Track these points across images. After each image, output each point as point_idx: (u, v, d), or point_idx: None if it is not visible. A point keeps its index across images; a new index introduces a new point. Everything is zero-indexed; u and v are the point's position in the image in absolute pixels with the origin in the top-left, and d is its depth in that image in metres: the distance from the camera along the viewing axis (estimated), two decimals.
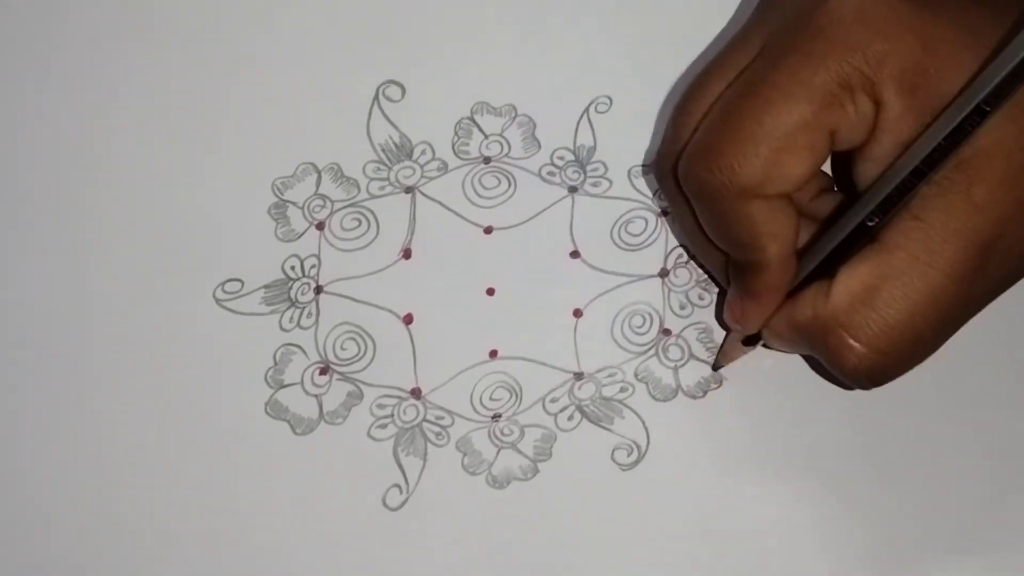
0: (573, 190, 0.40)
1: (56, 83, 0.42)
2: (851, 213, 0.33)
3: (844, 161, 0.34)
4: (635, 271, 0.39)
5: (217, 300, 0.39)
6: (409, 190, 0.40)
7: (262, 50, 0.42)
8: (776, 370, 0.37)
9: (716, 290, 0.39)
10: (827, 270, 0.33)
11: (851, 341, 0.32)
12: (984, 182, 0.31)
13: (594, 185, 0.40)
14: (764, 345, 0.37)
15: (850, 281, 0.32)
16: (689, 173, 0.33)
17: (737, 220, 0.33)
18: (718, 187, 0.32)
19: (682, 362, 0.38)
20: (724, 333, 0.38)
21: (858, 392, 0.37)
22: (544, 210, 0.40)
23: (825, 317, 0.32)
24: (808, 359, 0.37)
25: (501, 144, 0.41)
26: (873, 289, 0.31)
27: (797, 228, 0.33)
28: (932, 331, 0.32)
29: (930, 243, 0.31)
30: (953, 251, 0.31)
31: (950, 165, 0.31)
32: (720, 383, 0.37)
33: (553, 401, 0.38)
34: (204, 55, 0.42)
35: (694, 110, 0.34)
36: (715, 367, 0.37)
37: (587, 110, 0.41)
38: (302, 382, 0.38)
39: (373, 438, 0.37)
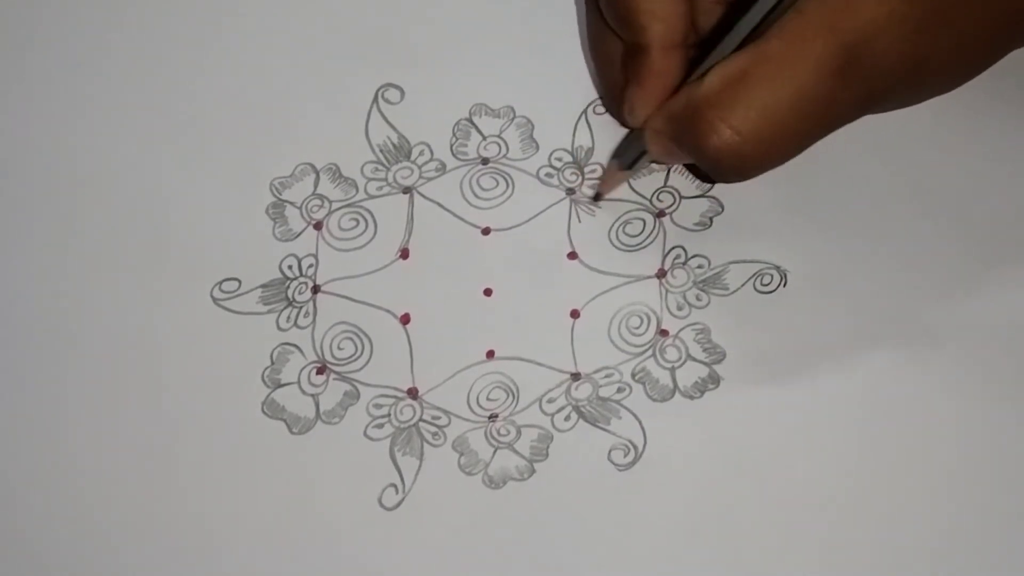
0: (571, 192, 0.40)
1: (53, 83, 0.42)
2: (740, 14, 0.33)
3: None
4: (632, 272, 0.39)
5: (214, 299, 0.39)
6: (407, 190, 0.40)
7: (262, 51, 0.42)
8: (774, 370, 0.37)
9: (715, 291, 0.39)
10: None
11: (716, 121, 0.32)
12: None
13: (592, 186, 0.40)
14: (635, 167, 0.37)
15: (725, 67, 0.33)
16: None
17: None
18: None
19: (679, 363, 0.38)
20: (720, 331, 0.38)
21: (857, 392, 0.37)
22: (542, 211, 0.40)
23: (696, 100, 0.33)
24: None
25: (499, 145, 0.41)
26: (744, 73, 0.32)
27: (684, 16, 0.35)
28: (795, 122, 0.32)
29: (803, 35, 0.32)
30: (822, 46, 0.31)
31: None
32: (718, 384, 0.37)
33: (550, 401, 0.37)
34: (203, 55, 0.42)
35: None
36: (596, 197, 0.38)
37: (585, 112, 0.41)
38: (299, 381, 0.38)
39: (369, 438, 0.37)
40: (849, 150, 0.40)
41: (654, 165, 0.39)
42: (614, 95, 0.38)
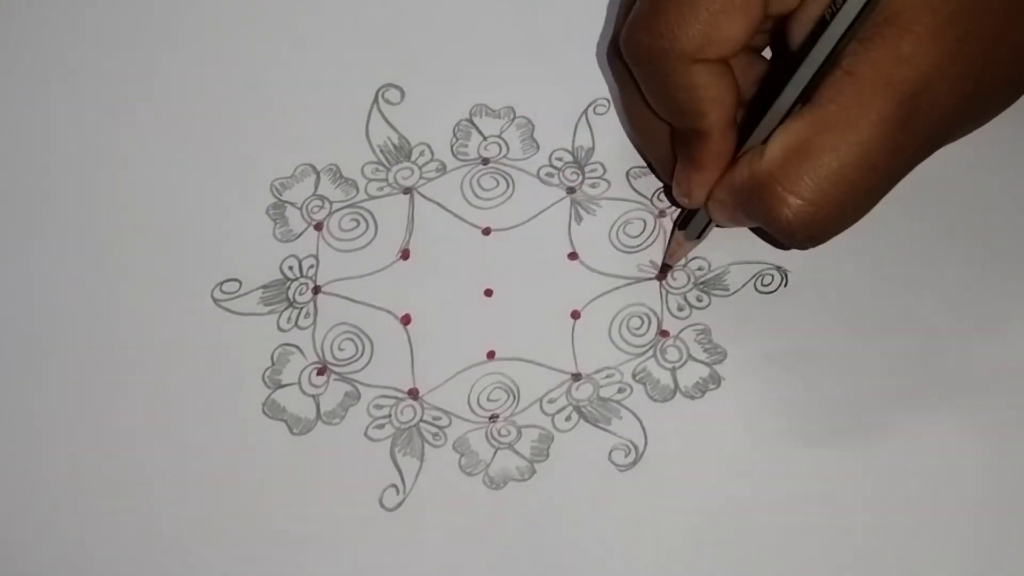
0: (571, 191, 0.40)
1: (56, 85, 0.42)
2: (786, 77, 0.33)
3: (781, 32, 0.35)
4: (633, 273, 0.39)
5: (215, 300, 0.39)
6: (407, 191, 0.40)
7: (262, 52, 0.42)
8: (775, 370, 0.37)
9: (715, 291, 0.39)
10: (765, 137, 0.34)
11: (785, 194, 0.32)
12: (911, 35, 0.31)
13: (592, 186, 0.40)
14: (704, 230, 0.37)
15: (784, 138, 0.33)
16: (631, 40, 0.34)
17: (679, 85, 0.33)
18: (660, 52, 0.33)
19: (680, 363, 0.38)
20: (721, 331, 0.38)
21: (857, 392, 0.37)
22: (542, 211, 0.40)
23: (760, 173, 0.33)
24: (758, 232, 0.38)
25: (500, 145, 0.41)
26: (805, 143, 0.32)
27: (737, 95, 0.34)
28: (864, 182, 0.32)
29: (860, 96, 0.32)
30: (883, 103, 0.31)
31: (880, 20, 0.31)
32: (718, 384, 0.37)
33: (551, 402, 0.37)
34: (204, 57, 0.42)
35: None
36: (664, 268, 0.38)
37: (586, 112, 0.41)
38: (300, 382, 0.38)
39: (370, 438, 0.37)
40: None
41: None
42: (665, 171, 0.38)
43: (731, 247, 0.39)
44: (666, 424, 0.37)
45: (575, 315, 0.39)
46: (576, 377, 0.38)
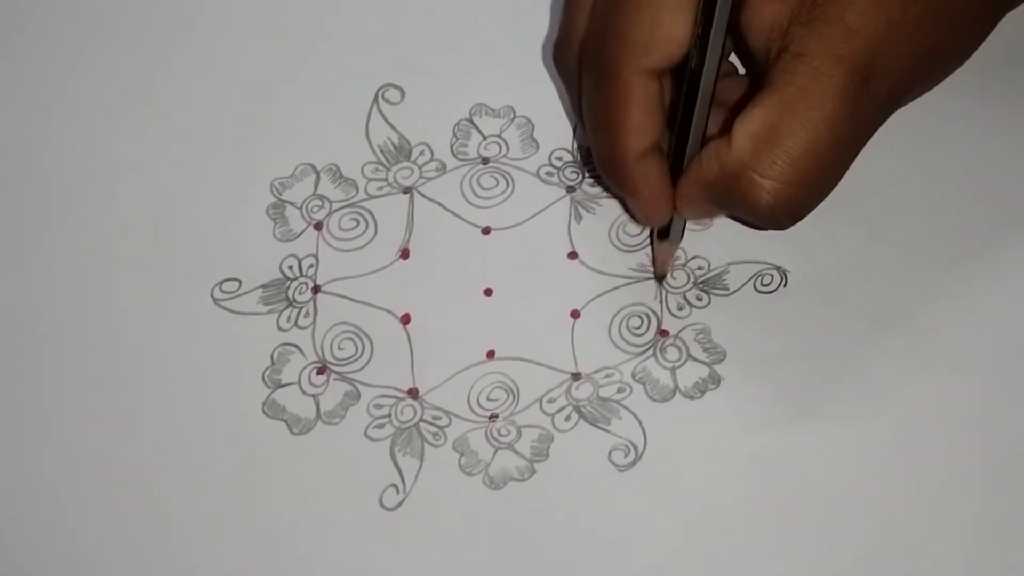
0: (571, 190, 0.40)
1: (53, 84, 0.42)
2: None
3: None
4: (633, 272, 0.39)
5: (215, 299, 0.39)
6: (407, 190, 0.40)
7: (262, 52, 0.42)
8: (775, 370, 0.37)
9: (715, 291, 0.39)
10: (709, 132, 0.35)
11: (761, 180, 0.33)
12: (854, 6, 0.32)
13: (592, 185, 0.40)
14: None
15: (748, 125, 0.33)
16: (589, 55, 0.34)
17: (624, 103, 0.34)
18: (612, 59, 0.34)
19: (680, 363, 0.38)
20: (720, 331, 0.38)
21: (856, 393, 0.37)
22: (542, 210, 0.40)
23: (732, 164, 0.33)
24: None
25: (499, 145, 0.41)
26: (772, 127, 0.32)
27: (657, 118, 0.35)
28: (834, 155, 0.33)
29: (816, 74, 0.32)
30: (838, 76, 0.32)
31: (820, 0, 0.32)
32: (718, 384, 0.37)
33: (550, 402, 0.37)
34: (204, 57, 0.42)
35: None
36: (659, 278, 0.38)
37: None
38: (299, 382, 0.38)
39: (370, 438, 0.37)
40: None
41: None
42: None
43: (731, 247, 0.39)
44: (666, 424, 0.37)
45: (575, 314, 0.39)
46: (576, 377, 0.38)
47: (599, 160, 0.36)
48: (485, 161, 0.40)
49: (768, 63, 0.33)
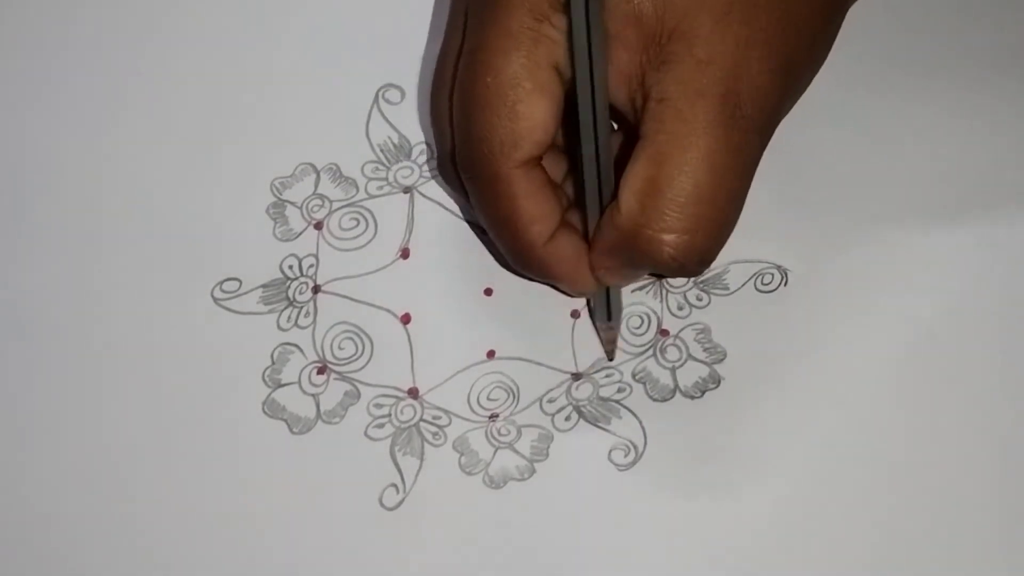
0: None
1: (54, 83, 0.42)
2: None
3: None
4: None
5: (215, 299, 0.39)
6: (407, 190, 0.40)
7: (263, 51, 0.42)
8: (775, 370, 0.37)
9: (715, 291, 0.39)
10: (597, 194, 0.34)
11: (657, 235, 0.32)
12: (699, 39, 0.32)
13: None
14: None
15: (631, 183, 0.33)
16: (462, 164, 0.34)
17: (510, 199, 0.34)
18: (484, 163, 0.33)
19: (680, 363, 0.38)
20: (720, 331, 0.38)
21: (857, 392, 0.37)
22: None
23: (625, 227, 0.33)
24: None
25: None
26: (652, 180, 0.32)
27: (555, 201, 0.34)
28: (723, 189, 0.32)
29: (681, 115, 0.32)
30: (704, 111, 0.32)
31: (665, 41, 0.32)
32: (718, 383, 0.37)
33: (550, 401, 0.37)
34: (204, 56, 0.42)
35: (443, 105, 0.35)
36: (610, 358, 0.38)
37: None
38: (299, 381, 0.38)
39: (370, 437, 0.37)
40: (849, 150, 0.40)
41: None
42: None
43: (731, 246, 0.39)
44: (666, 424, 0.37)
45: (575, 314, 0.39)
46: (576, 376, 0.38)
47: (510, 259, 0.36)
48: None
49: (637, 116, 0.33)
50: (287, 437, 0.37)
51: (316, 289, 0.39)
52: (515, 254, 0.35)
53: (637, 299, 0.39)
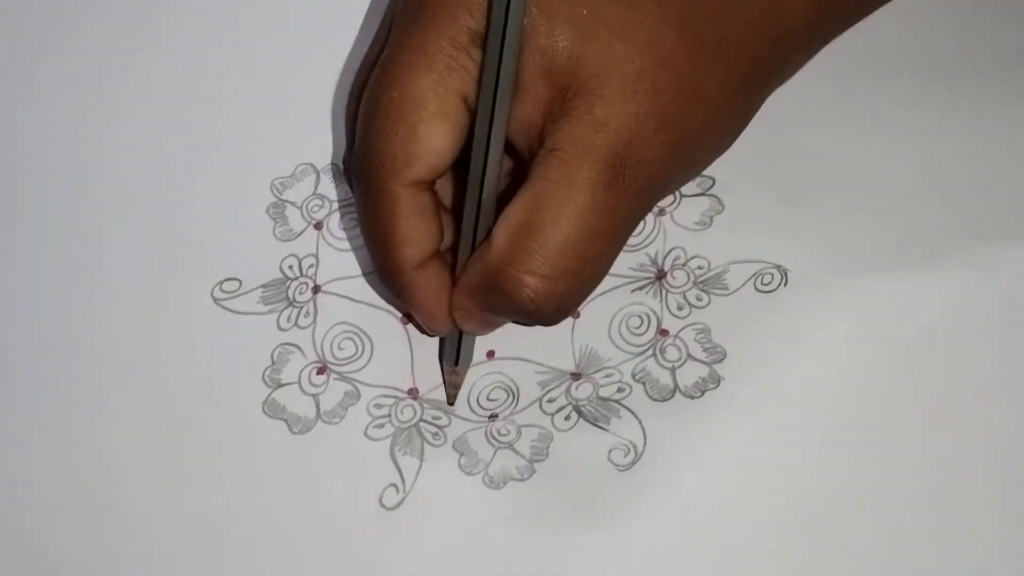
0: None
1: (54, 83, 0.42)
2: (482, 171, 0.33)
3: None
4: (633, 272, 0.39)
5: (215, 299, 0.39)
6: None
7: (262, 51, 0.42)
8: (775, 370, 0.37)
9: (715, 291, 0.39)
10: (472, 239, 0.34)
11: (521, 275, 0.32)
12: (601, 99, 0.32)
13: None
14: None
15: (507, 223, 0.33)
16: (354, 169, 0.34)
17: (390, 216, 0.33)
18: (373, 174, 0.33)
19: (679, 363, 0.38)
20: (720, 331, 0.38)
21: (857, 392, 0.37)
22: None
23: (491, 263, 0.33)
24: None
25: None
26: (527, 223, 0.32)
27: (433, 231, 0.34)
28: (591, 247, 0.33)
29: (566, 168, 0.32)
30: (588, 169, 0.32)
31: (571, 94, 0.32)
32: (718, 383, 0.37)
33: (550, 401, 0.38)
34: (204, 56, 0.42)
35: (353, 107, 0.35)
36: (450, 403, 0.37)
37: None
38: (299, 381, 0.38)
39: (370, 437, 0.37)
40: (849, 150, 0.40)
41: None
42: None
43: (731, 246, 0.39)
44: (665, 424, 0.37)
45: (575, 314, 0.39)
46: (576, 376, 0.38)
47: (378, 271, 0.36)
48: None
49: (530, 161, 0.33)
50: (287, 437, 0.37)
51: (316, 289, 0.39)
52: (382, 272, 0.35)
53: (637, 299, 0.39)
